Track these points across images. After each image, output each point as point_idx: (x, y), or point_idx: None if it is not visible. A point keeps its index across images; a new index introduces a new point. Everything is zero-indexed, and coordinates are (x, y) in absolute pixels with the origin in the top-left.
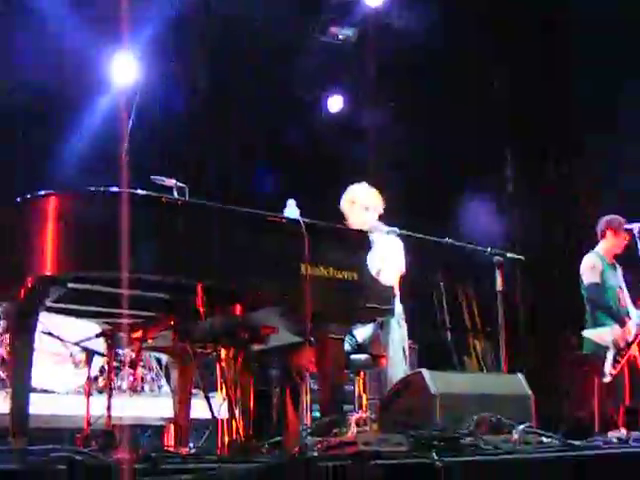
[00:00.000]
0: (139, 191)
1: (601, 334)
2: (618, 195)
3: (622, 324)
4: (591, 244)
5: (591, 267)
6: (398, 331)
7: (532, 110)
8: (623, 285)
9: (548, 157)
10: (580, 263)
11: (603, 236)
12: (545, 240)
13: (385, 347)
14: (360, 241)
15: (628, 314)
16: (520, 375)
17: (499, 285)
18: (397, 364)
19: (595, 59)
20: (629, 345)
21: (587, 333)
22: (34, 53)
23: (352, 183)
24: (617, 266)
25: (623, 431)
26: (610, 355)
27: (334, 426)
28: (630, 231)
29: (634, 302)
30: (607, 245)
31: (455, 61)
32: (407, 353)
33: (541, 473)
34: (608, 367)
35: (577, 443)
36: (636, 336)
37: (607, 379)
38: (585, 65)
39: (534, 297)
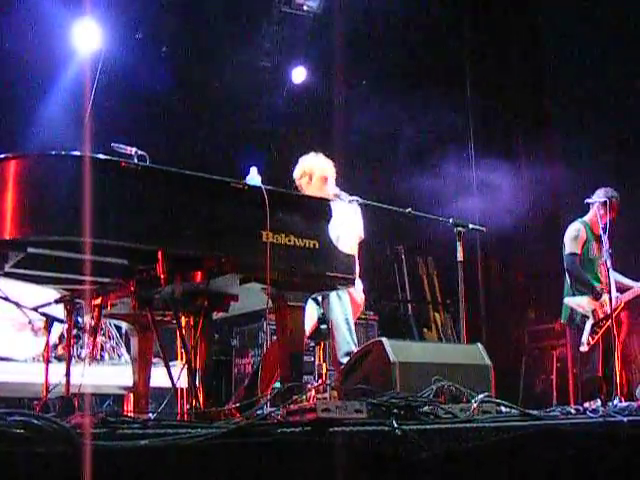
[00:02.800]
0: (100, 155)
1: (581, 303)
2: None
3: (597, 297)
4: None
5: (574, 237)
6: (338, 304)
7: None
8: (608, 259)
9: (513, 130)
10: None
11: (589, 207)
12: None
13: (329, 320)
14: (322, 209)
15: (606, 287)
16: (480, 345)
17: (460, 256)
18: (340, 336)
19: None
20: (607, 317)
21: (568, 300)
22: None
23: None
24: (604, 239)
25: (599, 402)
26: (588, 325)
27: (293, 393)
28: (593, 205)
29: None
30: (591, 217)
31: (420, 33)
32: (351, 324)
33: (499, 442)
34: (586, 336)
35: (535, 413)
36: (614, 309)
37: (584, 348)
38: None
39: (495, 269)
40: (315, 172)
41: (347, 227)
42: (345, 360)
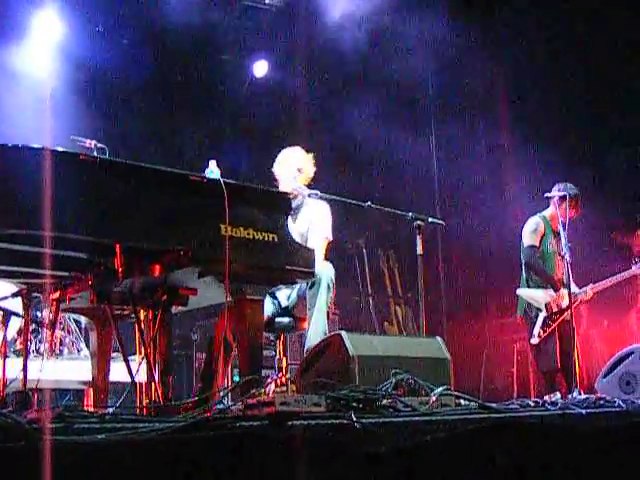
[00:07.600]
0: (58, 148)
1: (534, 295)
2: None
3: (555, 289)
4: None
5: (532, 230)
6: (325, 294)
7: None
8: (567, 254)
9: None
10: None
11: (549, 203)
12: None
13: (311, 309)
14: (281, 203)
15: (563, 283)
16: (439, 338)
17: (419, 249)
18: (319, 326)
19: None
20: (562, 311)
21: (521, 292)
22: None
23: (274, 148)
24: (562, 234)
25: (558, 395)
26: (541, 317)
27: (252, 387)
28: (552, 199)
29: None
30: (551, 212)
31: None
32: (330, 317)
33: (458, 434)
34: (537, 329)
35: (494, 406)
36: (570, 304)
37: (534, 340)
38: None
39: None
40: (287, 162)
41: (315, 226)
42: None
